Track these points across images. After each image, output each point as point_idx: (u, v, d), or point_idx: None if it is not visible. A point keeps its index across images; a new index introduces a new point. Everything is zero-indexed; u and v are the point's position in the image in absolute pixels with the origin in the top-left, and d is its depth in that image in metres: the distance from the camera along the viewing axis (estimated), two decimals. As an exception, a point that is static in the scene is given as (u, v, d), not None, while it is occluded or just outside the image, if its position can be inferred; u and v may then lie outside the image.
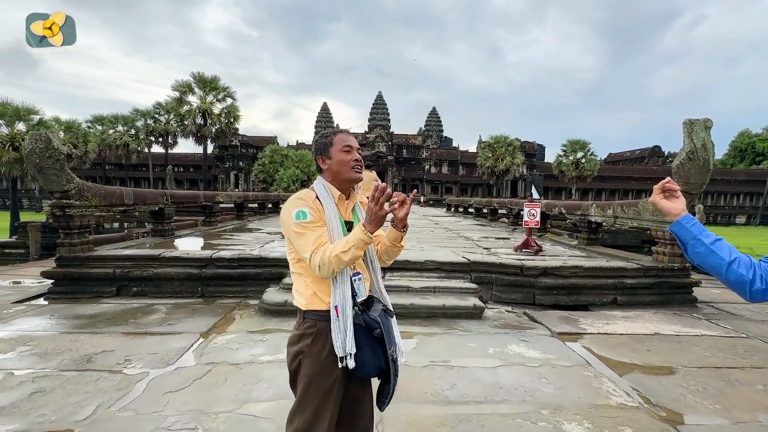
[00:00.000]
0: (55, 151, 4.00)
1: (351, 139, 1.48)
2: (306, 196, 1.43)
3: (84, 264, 4.37)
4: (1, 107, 26.31)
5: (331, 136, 1.46)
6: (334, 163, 1.44)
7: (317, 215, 1.38)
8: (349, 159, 1.44)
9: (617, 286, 4.48)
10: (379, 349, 1.34)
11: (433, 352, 3.02)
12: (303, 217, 1.35)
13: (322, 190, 1.45)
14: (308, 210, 1.37)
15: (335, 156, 1.43)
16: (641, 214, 4.97)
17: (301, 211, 1.36)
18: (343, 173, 1.45)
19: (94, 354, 2.84)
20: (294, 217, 1.36)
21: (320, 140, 1.49)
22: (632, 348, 3.20)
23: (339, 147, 1.44)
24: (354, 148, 1.46)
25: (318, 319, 1.37)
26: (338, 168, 1.44)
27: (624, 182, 52.14)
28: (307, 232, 1.35)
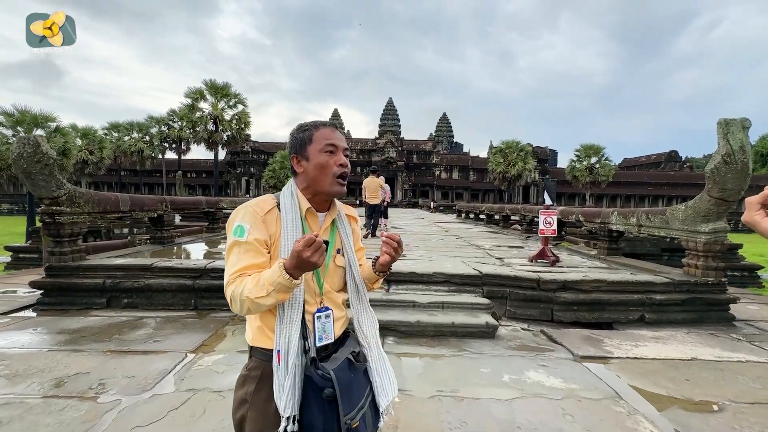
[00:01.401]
0: (44, 155, 3.81)
1: (337, 135, 1.16)
2: (261, 205, 1.12)
3: (74, 274, 4.16)
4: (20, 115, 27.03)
5: (311, 131, 1.15)
6: (311, 167, 1.13)
7: (262, 234, 1.07)
8: (331, 163, 1.13)
9: (645, 302, 4.08)
10: (332, 414, 1.02)
11: (441, 378, 2.69)
12: (240, 234, 1.06)
13: (287, 199, 1.14)
14: (250, 226, 1.07)
15: (313, 158, 1.13)
16: (669, 223, 4.57)
17: (240, 225, 1.06)
18: (320, 183, 1.14)
19: (67, 377, 2.59)
20: (233, 231, 1.07)
21: (297, 134, 1.17)
22: (668, 376, 2.81)
23: (319, 146, 1.13)
24: (340, 149, 1.15)
25: (264, 360, 1.07)
26: (315, 174, 1.13)
27: (640, 188, 50.88)
28: (235, 254, 1.06)
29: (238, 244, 1.06)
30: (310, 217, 1.17)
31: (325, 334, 1.11)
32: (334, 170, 1.13)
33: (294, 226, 1.11)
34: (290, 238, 1.09)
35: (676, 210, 4.47)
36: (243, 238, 1.05)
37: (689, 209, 4.28)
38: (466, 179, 51.42)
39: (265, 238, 1.09)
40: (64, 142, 27.95)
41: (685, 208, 4.34)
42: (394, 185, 46.97)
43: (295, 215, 1.12)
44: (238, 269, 1.04)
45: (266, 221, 1.10)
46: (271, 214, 1.12)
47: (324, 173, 1.12)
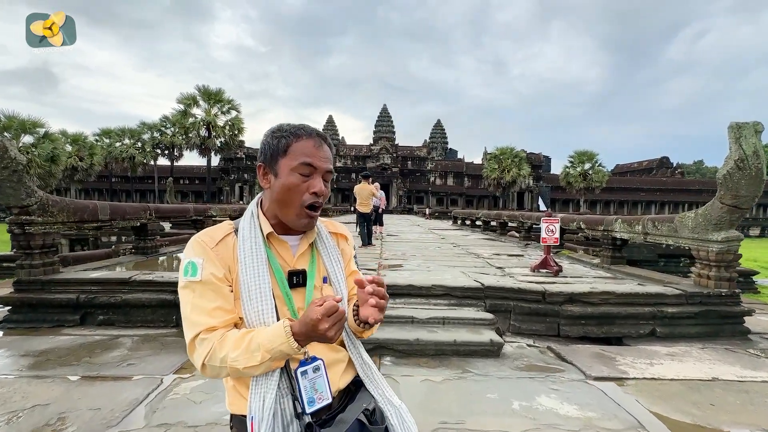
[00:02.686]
0: (12, 161, 3.53)
1: (321, 153, 0.90)
2: (210, 234, 0.89)
3: (45, 288, 3.85)
4: (7, 120, 26.57)
5: (289, 139, 0.89)
6: (277, 186, 0.88)
7: (218, 269, 0.85)
8: (302, 189, 0.87)
9: (656, 315, 3.86)
10: None
11: (444, 406, 2.43)
12: (192, 273, 0.83)
13: (246, 221, 0.91)
14: (202, 260, 0.84)
15: (283, 175, 0.88)
16: (678, 231, 4.37)
17: (192, 262, 0.84)
18: (283, 210, 0.90)
19: (23, 410, 2.29)
20: (182, 270, 0.84)
21: (270, 140, 0.91)
22: (691, 400, 2.58)
23: (294, 162, 0.87)
24: (319, 171, 0.89)
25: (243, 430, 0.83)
26: (280, 197, 0.89)
27: (632, 194, 51.27)
28: (190, 300, 0.82)
29: (191, 285, 0.83)
30: (276, 243, 0.93)
31: (318, 393, 0.84)
32: (303, 199, 0.88)
33: (254, 256, 0.87)
34: (249, 270, 0.86)
35: (685, 217, 4.28)
36: (196, 276, 0.83)
37: (699, 217, 4.09)
38: (461, 185, 51.46)
39: (224, 272, 0.86)
40: (53, 148, 27.48)
41: (695, 215, 4.15)
42: (389, 191, 46.81)
43: (256, 242, 0.89)
44: (203, 324, 0.81)
45: (219, 252, 0.88)
46: (225, 243, 0.89)
47: (290, 200, 0.88)
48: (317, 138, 0.91)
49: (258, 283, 0.85)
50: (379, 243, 9.03)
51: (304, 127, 0.93)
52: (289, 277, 0.91)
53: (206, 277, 0.84)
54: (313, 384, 0.84)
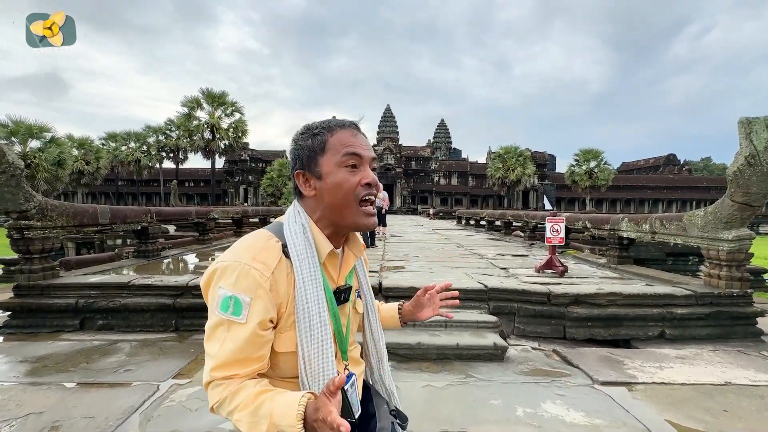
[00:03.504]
0: (10, 165, 3.51)
1: (361, 140, 0.82)
2: (263, 259, 0.75)
3: (44, 293, 3.83)
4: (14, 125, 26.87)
5: (324, 135, 0.80)
6: (327, 188, 0.79)
7: (269, 311, 0.73)
8: (354, 183, 0.79)
9: (665, 317, 3.75)
10: None
11: (447, 413, 2.36)
12: (235, 312, 0.70)
13: (298, 240, 0.78)
14: (249, 300, 0.70)
15: (329, 174, 0.79)
16: (687, 230, 4.26)
17: (236, 298, 0.70)
18: (342, 212, 0.80)
19: (16, 419, 2.25)
20: (220, 303, 0.71)
21: (303, 141, 0.82)
22: (703, 407, 2.48)
23: (337, 156, 0.79)
24: (366, 160, 0.81)
25: None
26: (334, 199, 0.79)
27: (639, 191, 50.75)
28: (222, 339, 0.71)
29: (230, 325, 0.71)
30: (330, 261, 0.83)
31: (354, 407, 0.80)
32: (357, 192, 0.79)
33: (314, 282, 0.76)
34: (311, 299, 0.75)
35: (695, 216, 4.17)
36: (239, 318, 0.70)
37: (709, 215, 3.98)
38: (465, 185, 51.26)
39: (272, 315, 0.74)
40: (60, 153, 27.75)
41: (704, 213, 4.04)
42: (392, 192, 46.76)
43: (312, 262, 0.77)
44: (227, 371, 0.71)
45: (275, 283, 0.75)
46: (280, 270, 0.76)
47: (345, 198, 0.79)
48: (351, 127, 0.83)
49: (319, 312, 0.75)
50: (381, 244, 8.96)
51: (334, 119, 0.85)
52: (336, 294, 0.84)
53: (252, 323, 0.71)
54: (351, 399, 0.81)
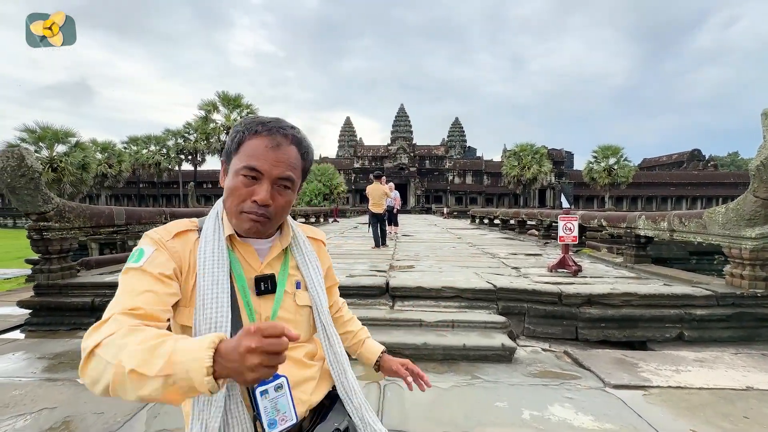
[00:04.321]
0: (29, 169, 3.64)
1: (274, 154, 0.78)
2: (169, 228, 0.82)
3: (62, 292, 3.96)
4: (41, 131, 27.96)
5: (243, 134, 0.80)
6: (226, 186, 0.83)
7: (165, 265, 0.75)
8: (242, 193, 0.78)
9: (683, 318, 3.61)
10: None
11: (450, 415, 2.32)
12: (136, 260, 0.74)
13: (209, 222, 0.84)
14: (153, 250, 0.76)
15: (231, 174, 0.81)
16: (707, 227, 4.08)
17: (139, 249, 0.76)
18: (230, 211, 0.82)
19: (30, 413, 2.33)
20: (131, 255, 0.75)
21: (231, 134, 0.84)
22: (721, 412, 2.37)
23: (239, 163, 0.79)
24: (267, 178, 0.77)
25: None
26: (225, 198, 0.83)
27: (661, 189, 49.16)
28: (122, 285, 0.72)
29: (130, 272, 0.73)
30: (240, 247, 0.85)
31: (280, 414, 0.75)
32: (242, 205, 0.79)
33: (215, 259, 0.78)
34: (207, 275, 0.77)
35: (715, 213, 3.99)
36: (139, 263, 0.74)
37: (731, 212, 3.81)
38: (480, 184, 50.71)
39: (173, 268, 0.76)
40: (84, 156, 28.76)
41: (725, 210, 3.87)
42: (406, 191, 46.64)
43: (219, 244, 0.80)
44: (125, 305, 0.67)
45: (174, 247, 0.79)
46: (184, 239, 0.81)
47: (231, 203, 0.81)
48: (275, 136, 0.78)
49: (214, 290, 0.76)
50: (393, 244, 8.94)
51: (268, 121, 0.80)
52: (256, 283, 0.83)
53: (149, 266, 0.74)
54: (274, 404, 0.74)
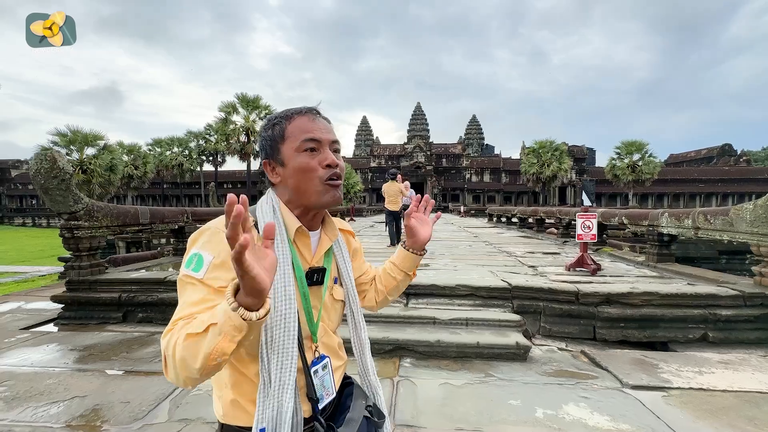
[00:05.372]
0: (61, 171, 3.84)
1: (319, 124, 0.86)
2: None
3: (92, 288, 4.16)
4: (72, 134, 29.17)
5: (282, 123, 0.85)
6: (289, 173, 0.84)
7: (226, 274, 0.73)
8: (314, 165, 0.83)
9: (707, 319, 3.49)
10: None
11: (462, 412, 2.33)
12: (196, 268, 0.72)
13: (267, 217, 0.83)
14: (213, 255, 0.73)
15: (291, 159, 0.84)
16: (734, 225, 3.93)
17: (199, 255, 0.73)
18: (306, 193, 0.84)
19: (63, 401, 2.47)
20: (185, 261, 0.74)
21: (265, 132, 0.88)
22: (746, 416, 2.29)
23: (295, 142, 0.83)
24: (324, 143, 0.85)
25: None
26: (297, 183, 0.84)
27: (689, 185, 47.23)
28: (185, 294, 0.72)
29: (190, 282, 0.72)
30: (301, 241, 0.87)
31: (325, 390, 0.86)
32: (320, 174, 0.83)
33: (279, 254, 0.78)
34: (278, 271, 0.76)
35: (743, 209, 3.84)
36: (198, 274, 0.71)
37: (759, 208, 3.65)
38: (498, 182, 49.97)
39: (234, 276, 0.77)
40: (111, 159, 29.88)
41: (754, 207, 3.71)
42: (423, 190, 46.46)
43: (282, 239, 0.81)
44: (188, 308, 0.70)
45: None
46: None
47: (306, 181, 0.83)
48: (309, 113, 0.87)
49: (284, 285, 0.77)
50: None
51: (293, 108, 0.89)
52: (309, 274, 0.85)
53: (208, 280, 0.71)
54: (321, 381, 0.86)
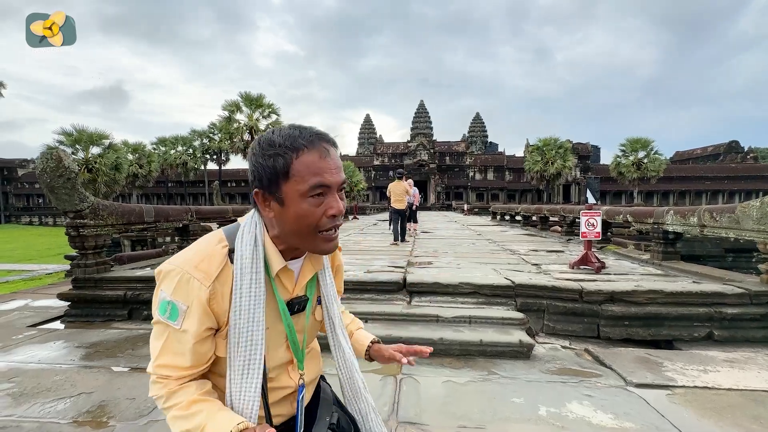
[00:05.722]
0: (66, 170, 3.87)
1: (330, 163, 0.73)
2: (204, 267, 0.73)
3: (97, 286, 4.20)
4: (77, 134, 29.37)
5: (288, 156, 0.71)
6: (288, 216, 0.73)
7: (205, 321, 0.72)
8: (318, 214, 0.72)
9: (713, 317, 3.47)
10: None
11: (465, 410, 2.33)
12: (171, 318, 0.71)
13: (246, 252, 0.75)
14: (186, 308, 0.71)
15: (292, 203, 0.72)
16: (740, 222, 3.90)
17: (173, 304, 0.70)
18: (300, 240, 0.76)
19: (69, 397, 2.50)
20: (158, 305, 0.72)
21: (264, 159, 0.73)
22: (751, 414, 2.28)
23: (303, 186, 0.71)
24: (333, 187, 0.73)
25: None
26: (294, 228, 0.74)
27: (695, 182, 46.86)
28: (163, 340, 0.72)
29: (166, 328, 0.72)
30: (283, 274, 0.81)
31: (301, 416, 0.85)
32: (322, 223, 0.73)
33: (251, 297, 0.74)
34: (243, 314, 0.73)
35: (749, 207, 3.80)
36: (174, 323, 0.71)
37: (766, 206, 3.62)
38: (502, 179, 49.80)
39: (210, 325, 0.74)
40: (116, 158, 30.07)
41: (761, 204, 3.68)
42: (426, 188, 46.40)
43: (257, 278, 0.74)
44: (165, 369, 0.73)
45: (215, 295, 0.73)
46: (223, 280, 0.74)
47: (305, 229, 0.73)
48: (321, 146, 0.73)
49: (250, 328, 0.74)
50: (411, 240, 8.95)
51: (301, 133, 0.73)
52: (290, 304, 0.82)
53: (189, 332, 0.71)
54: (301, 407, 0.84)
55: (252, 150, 0.76)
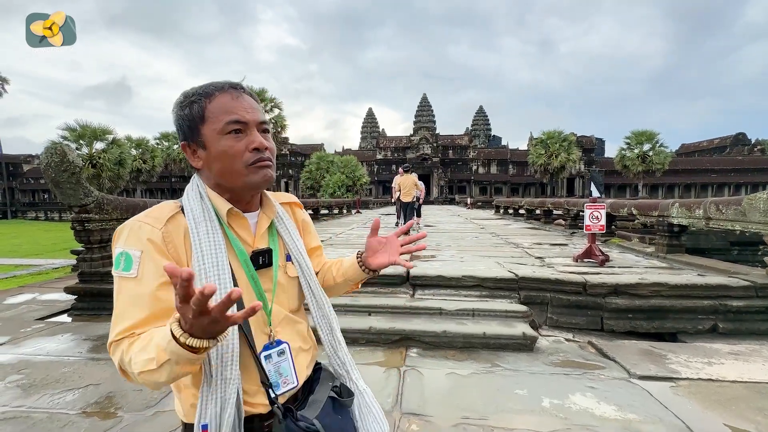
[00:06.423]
0: (71, 164, 3.89)
1: (243, 103, 0.78)
2: (156, 215, 0.76)
3: (103, 279, 4.23)
4: (81, 129, 29.46)
5: (201, 102, 0.77)
6: (212, 156, 0.77)
7: (158, 260, 0.71)
8: (240, 149, 0.76)
9: (718, 309, 3.45)
10: None
11: (468, 401, 2.35)
12: (126, 268, 0.70)
13: (194, 202, 0.79)
14: (139, 252, 0.71)
15: (213, 143, 0.77)
16: (747, 215, 3.86)
17: (126, 253, 0.70)
18: (231, 177, 0.78)
19: (78, 388, 2.54)
20: (114, 262, 0.72)
21: (181, 110, 0.79)
22: (756, 406, 2.27)
23: (218, 124, 0.76)
24: (251, 124, 0.78)
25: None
26: (222, 168, 0.77)
27: (701, 175, 46.41)
28: (121, 298, 0.71)
29: (122, 281, 0.71)
30: (237, 223, 0.83)
31: (282, 378, 0.82)
32: (246, 158, 0.76)
33: (210, 240, 0.75)
34: (207, 259, 0.74)
35: (756, 199, 3.76)
36: (129, 272, 0.70)
37: (773, 198, 3.58)
38: (505, 173, 49.56)
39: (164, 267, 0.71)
40: (120, 153, 30.16)
41: (767, 196, 3.64)
42: (429, 182, 46.27)
43: (211, 224, 0.77)
44: (126, 327, 0.68)
45: (169, 236, 0.74)
46: (175, 224, 0.76)
47: (231, 165, 0.77)
48: (232, 89, 0.78)
49: (218, 273, 0.74)
50: (415, 234, 8.94)
51: (213, 82, 0.80)
52: (254, 257, 0.81)
53: (147, 278, 0.69)
54: (276, 368, 0.81)
55: (173, 108, 0.81)
